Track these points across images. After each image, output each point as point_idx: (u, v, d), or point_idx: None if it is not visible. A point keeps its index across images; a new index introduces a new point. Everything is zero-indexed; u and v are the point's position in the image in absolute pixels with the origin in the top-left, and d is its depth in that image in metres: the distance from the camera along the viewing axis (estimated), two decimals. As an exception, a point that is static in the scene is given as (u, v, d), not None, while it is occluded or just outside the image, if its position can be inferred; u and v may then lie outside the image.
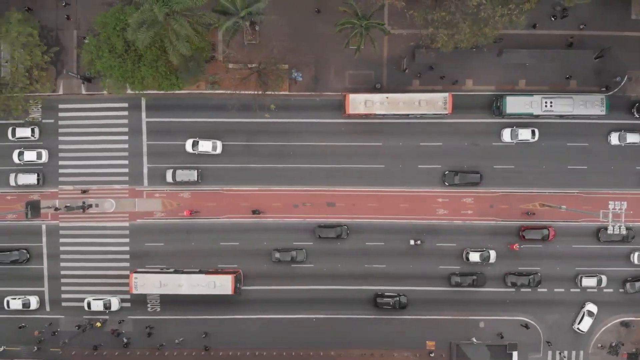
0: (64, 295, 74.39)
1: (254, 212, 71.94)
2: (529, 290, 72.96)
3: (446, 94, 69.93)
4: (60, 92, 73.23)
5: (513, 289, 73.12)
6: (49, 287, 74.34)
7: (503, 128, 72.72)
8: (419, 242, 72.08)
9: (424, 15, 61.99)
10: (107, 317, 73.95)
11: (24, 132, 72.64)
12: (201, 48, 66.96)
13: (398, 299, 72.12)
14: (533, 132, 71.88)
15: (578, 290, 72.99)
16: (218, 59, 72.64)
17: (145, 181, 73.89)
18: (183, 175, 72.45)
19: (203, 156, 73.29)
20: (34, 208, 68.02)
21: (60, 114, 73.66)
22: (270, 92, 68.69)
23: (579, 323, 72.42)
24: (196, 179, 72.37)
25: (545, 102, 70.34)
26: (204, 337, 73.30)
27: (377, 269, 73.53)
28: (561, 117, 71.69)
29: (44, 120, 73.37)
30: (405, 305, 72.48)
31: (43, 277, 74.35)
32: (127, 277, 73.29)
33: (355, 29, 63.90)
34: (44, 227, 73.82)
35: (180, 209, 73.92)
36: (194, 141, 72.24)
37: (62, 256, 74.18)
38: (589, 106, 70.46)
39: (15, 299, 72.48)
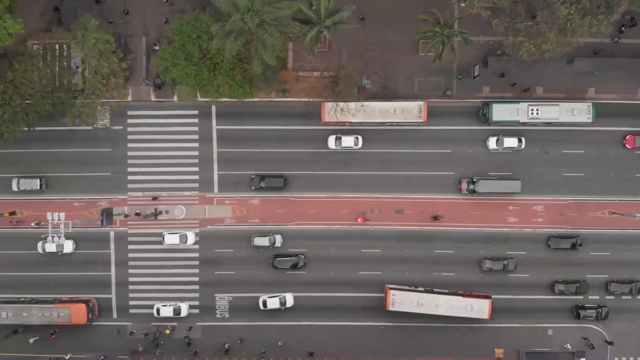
0: (131, 302, 74.29)
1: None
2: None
3: (421, 103, 70.21)
4: (129, 98, 72.99)
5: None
6: (117, 294, 74.27)
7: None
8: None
9: (509, 24, 61.74)
10: (175, 323, 73.86)
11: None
12: (279, 57, 66.81)
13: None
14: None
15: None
16: (288, 67, 72.46)
17: (216, 188, 73.84)
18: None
19: (278, 163, 73.15)
20: (108, 215, 67.99)
21: (129, 121, 73.55)
22: (343, 100, 68.50)
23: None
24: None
25: (532, 110, 70.25)
26: (280, 346, 73.31)
27: (446, 277, 73.40)
28: (548, 124, 71.46)
29: (113, 127, 73.15)
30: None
31: (111, 283, 74.28)
32: (196, 283, 73.59)
33: (436, 37, 63.68)
34: (112, 233, 73.80)
35: (249, 215, 73.89)
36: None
37: (130, 263, 74.11)
38: (576, 114, 70.31)
39: (166, 305, 72.35)
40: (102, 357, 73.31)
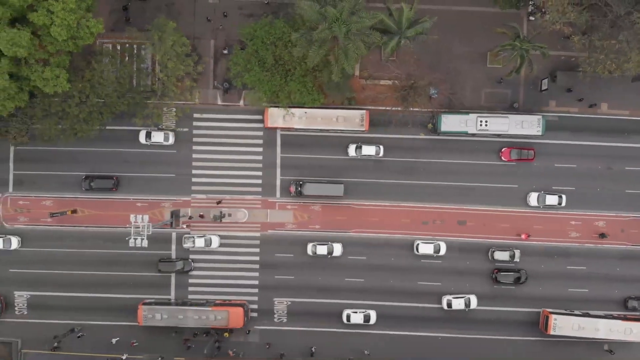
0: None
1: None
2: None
3: (363, 111, 70.74)
4: (196, 101, 73.17)
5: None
6: (176, 295, 74.60)
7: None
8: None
9: (587, 41, 61.76)
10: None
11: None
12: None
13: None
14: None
15: None
16: (355, 75, 72.56)
17: (278, 193, 74.12)
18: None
19: (341, 170, 73.54)
20: (176, 217, 68.33)
21: (195, 123, 73.80)
22: (414, 109, 68.69)
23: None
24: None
25: (480, 121, 70.27)
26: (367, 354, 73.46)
27: (507, 290, 73.54)
28: (498, 136, 71.56)
29: (178, 129, 73.43)
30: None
31: (170, 284, 74.60)
32: (255, 287, 73.87)
33: (515, 50, 63.72)
34: (173, 235, 74.11)
35: (310, 221, 74.15)
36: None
37: (191, 264, 74.41)
38: (525, 126, 70.53)
39: (356, 312, 72.48)
40: (160, 357, 73.61)
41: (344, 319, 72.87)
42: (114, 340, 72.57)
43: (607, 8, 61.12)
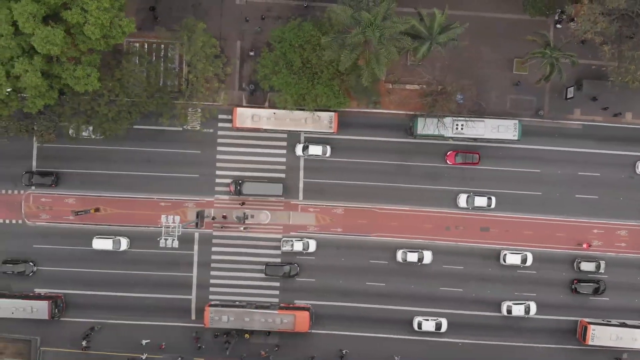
0: (211, 304, 74.47)
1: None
2: None
3: (332, 114, 70.51)
4: (222, 102, 73.08)
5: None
6: (197, 295, 74.59)
7: None
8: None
9: (616, 51, 61.85)
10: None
11: (316, 150, 73.36)
12: (381, 70, 67.01)
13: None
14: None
15: None
16: (381, 80, 72.56)
17: (301, 195, 74.12)
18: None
19: (356, 174, 73.53)
20: (201, 217, 68.38)
21: (220, 124, 73.78)
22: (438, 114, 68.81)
23: None
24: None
25: (456, 125, 70.21)
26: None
27: (526, 297, 73.55)
28: (474, 140, 71.63)
29: (203, 130, 73.36)
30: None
31: (192, 285, 74.61)
32: (277, 288, 73.83)
33: (545, 58, 63.81)
34: (196, 235, 74.08)
35: (332, 224, 74.17)
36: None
37: (212, 265, 74.43)
38: (501, 130, 70.39)
39: (427, 320, 72.34)
40: (179, 358, 73.61)
41: (415, 327, 72.66)
42: (143, 342, 72.53)
43: (638, 19, 61.21)
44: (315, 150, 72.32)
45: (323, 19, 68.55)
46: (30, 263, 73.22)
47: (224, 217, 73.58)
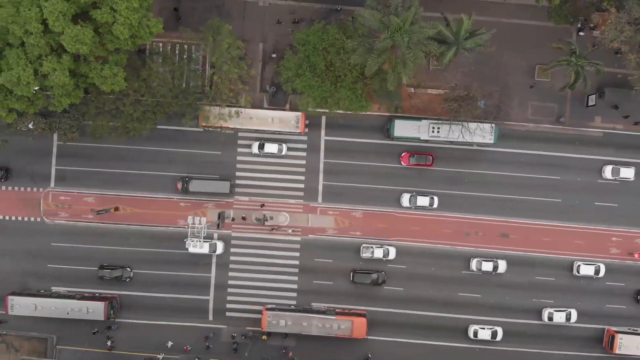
0: (228, 305, 74.59)
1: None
2: None
3: (299, 113, 70.67)
4: (245, 104, 72.91)
5: None
6: (215, 296, 74.59)
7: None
8: None
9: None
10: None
11: (271, 148, 73.29)
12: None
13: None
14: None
15: None
16: (403, 84, 72.57)
17: (320, 198, 74.15)
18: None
19: (384, 178, 73.70)
20: (223, 219, 68.42)
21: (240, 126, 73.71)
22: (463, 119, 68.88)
23: None
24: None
25: (433, 128, 70.34)
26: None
27: (546, 304, 73.53)
28: (451, 143, 71.80)
29: (224, 131, 73.28)
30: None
31: (210, 285, 74.61)
32: (294, 290, 73.87)
33: (571, 66, 63.90)
34: (215, 235, 74.09)
35: (351, 227, 74.20)
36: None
37: (231, 266, 74.46)
38: (477, 134, 70.46)
39: (483, 328, 72.01)
40: (197, 358, 73.59)
41: (471, 335, 72.70)
42: (169, 344, 72.54)
43: (664, 28, 61.35)
44: (270, 148, 72.16)
45: (347, 22, 68.60)
46: (128, 268, 73.09)
47: (243, 218, 73.60)
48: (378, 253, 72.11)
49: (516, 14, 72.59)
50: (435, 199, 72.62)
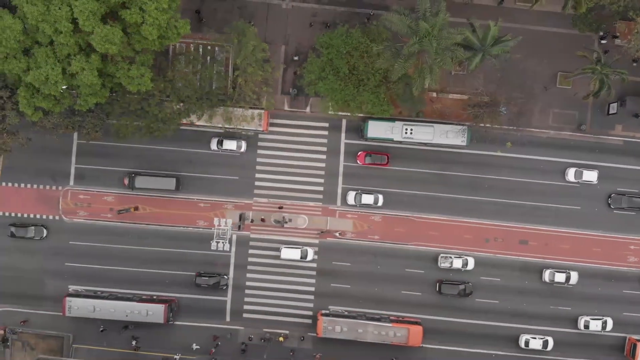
0: (246, 307, 74.64)
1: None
2: None
3: (261, 111, 70.59)
4: (266, 106, 72.98)
5: None
6: (232, 297, 74.62)
7: None
8: None
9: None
10: (287, 331, 74.18)
11: (230, 145, 72.82)
12: (428, 79, 67.16)
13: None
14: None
15: None
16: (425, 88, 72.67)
17: (339, 201, 74.28)
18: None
19: (402, 182, 73.62)
20: (243, 220, 68.51)
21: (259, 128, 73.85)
22: (485, 125, 69.00)
23: None
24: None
25: (406, 129, 70.59)
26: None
27: (562, 311, 73.61)
28: (424, 144, 72.01)
29: (244, 133, 73.42)
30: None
31: (227, 286, 74.58)
32: (312, 293, 74.02)
33: (595, 75, 64.04)
34: (234, 237, 74.11)
35: (370, 231, 74.30)
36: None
37: (249, 267, 74.51)
38: (450, 136, 70.80)
39: (534, 338, 72.02)
40: (214, 359, 73.61)
41: (522, 344, 72.71)
42: (194, 346, 72.57)
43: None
44: (229, 145, 72.05)
45: (371, 26, 68.71)
46: (225, 276, 73.18)
47: (262, 220, 73.67)
48: (457, 263, 72.05)
49: (539, 21, 72.69)
50: (380, 197, 72.65)
